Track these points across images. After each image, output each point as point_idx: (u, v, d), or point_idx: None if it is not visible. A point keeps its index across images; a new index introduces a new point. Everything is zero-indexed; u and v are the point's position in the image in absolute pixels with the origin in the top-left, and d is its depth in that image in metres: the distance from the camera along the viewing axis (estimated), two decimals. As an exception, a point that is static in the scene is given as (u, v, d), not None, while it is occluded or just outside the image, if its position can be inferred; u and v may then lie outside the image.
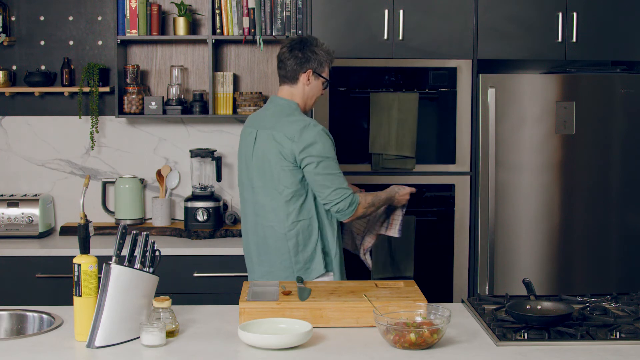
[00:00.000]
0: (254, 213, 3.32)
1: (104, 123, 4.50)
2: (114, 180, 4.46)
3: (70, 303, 2.88)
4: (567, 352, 2.45)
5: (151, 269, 2.60)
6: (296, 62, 3.29)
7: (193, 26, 4.44)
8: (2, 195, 4.38)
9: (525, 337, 2.56)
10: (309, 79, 3.31)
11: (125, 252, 2.57)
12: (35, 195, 4.36)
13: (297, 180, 3.21)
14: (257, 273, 3.35)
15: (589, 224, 4.06)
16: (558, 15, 4.02)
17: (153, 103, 4.30)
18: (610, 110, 4.04)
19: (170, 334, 2.57)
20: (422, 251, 4.01)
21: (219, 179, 4.41)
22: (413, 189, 3.48)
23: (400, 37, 3.99)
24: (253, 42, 4.40)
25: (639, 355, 2.43)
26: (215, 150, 4.44)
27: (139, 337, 2.52)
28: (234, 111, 4.40)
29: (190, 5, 4.42)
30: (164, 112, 4.33)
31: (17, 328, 2.87)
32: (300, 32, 4.26)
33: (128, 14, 4.27)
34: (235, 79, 4.51)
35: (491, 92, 3.95)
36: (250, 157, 3.30)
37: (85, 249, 2.57)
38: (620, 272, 4.09)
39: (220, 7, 4.28)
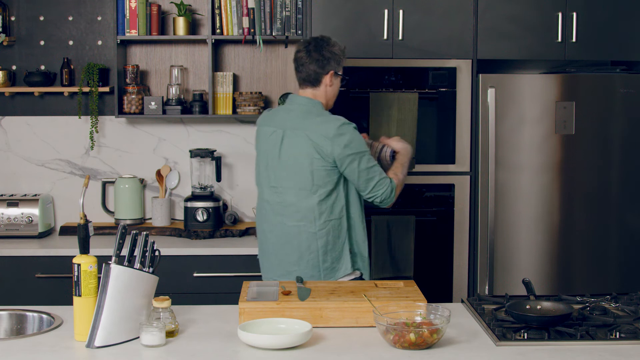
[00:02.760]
0: (275, 213, 3.32)
1: (103, 123, 4.50)
2: (113, 180, 4.46)
3: (70, 303, 2.88)
4: (567, 352, 2.45)
5: (151, 269, 2.60)
6: (317, 65, 3.30)
7: (193, 26, 4.44)
8: (2, 195, 4.37)
9: (525, 337, 2.56)
10: (330, 80, 3.32)
11: (125, 252, 2.57)
12: (35, 195, 4.36)
13: (333, 179, 3.23)
14: (276, 272, 3.34)
15: (589, 224, 4.06)
16: (558, 15, 4.02)
17: (153, 103, 4.30)
18: (610, 110, 4.04)
19: (170, 334, 2.57)
20: (421, 251, 4.01)
21: (218, 179, 4.41)
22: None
23: (400, 37, 3.99)
24: (253, 42, 4.39)
25: (639, 355, 2.43)
26: (215, 150, 4.44)
27: (138, 337, 2.52)
28: (234, 111, 4.40)
29: (190, 5, 4.42)
30: (164, 112, 4.32)
31: (17, 328, 2.87)
32: (300, 32, 4.26)
33: (128, 14, 4.26)
34: (235, 79, 4.51)
35: (491, 92, 3.95)
36: (275, 158, 3.30)
37: (85, 249, 2.57)
38: (620, 272, 4.09)
39: (220, 7, 4.28)
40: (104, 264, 2.52)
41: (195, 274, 4.00)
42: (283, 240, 3.30)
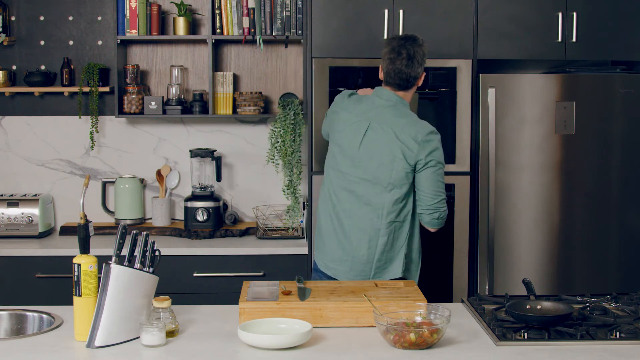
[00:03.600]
0: (345, 200, 3.32)
1: (103, 123, 4.50)
2: (113, 180, 4.46)
3: (70, 303, 2.88)
4: (567, 352, 2.45)
5: (151, 269, 2.61)
6: (417, 72, 3.32)
7: (193, 26, 4.44)
8: (2, 195, 4.38)
9: (525, 337, 2.56)
10: (421, 80, 3.38)
11: (125, 252, 2.57)
12: (35, 195, 4.36)
13: (408, 182, 3.25)
14: (328, 256, 3.35)
15: (589, 224, 4.06)
16: (558, 15, 4.02)
17: (153, 103, 4.30)
18: (610, 110, 4.04)
19: (170, 334, 2.57)
20: (422, 251, 4.00)
21: (218, 179, 4.41)
22: None
23: (400, 37, 3.98)
24: (253, 42, 4.40)
25: (639, 355, 2.43)
26: (215, 150, 4.44)
27: (138, 337, 2.52)
28: (234, 111, 4.40)
29: (190, 5, 4.42)
30: (164, 112, 4.33)
31: (17, 328, 2.87)
32: (300, 32, 4.26)
33: (128, 14, 4.27)
34: (235, 79, 4.51)
35: (491, 92, 3.95)
36: (355, 147, 3.29)
37: (85, 249, 2.58)
38: (620, 272, 4.09)
39: (220, 7, 4.28)
40: (104, 264, 2.53)
41: (195, 274, 4.00)
42: (347, 228, 3.31)
